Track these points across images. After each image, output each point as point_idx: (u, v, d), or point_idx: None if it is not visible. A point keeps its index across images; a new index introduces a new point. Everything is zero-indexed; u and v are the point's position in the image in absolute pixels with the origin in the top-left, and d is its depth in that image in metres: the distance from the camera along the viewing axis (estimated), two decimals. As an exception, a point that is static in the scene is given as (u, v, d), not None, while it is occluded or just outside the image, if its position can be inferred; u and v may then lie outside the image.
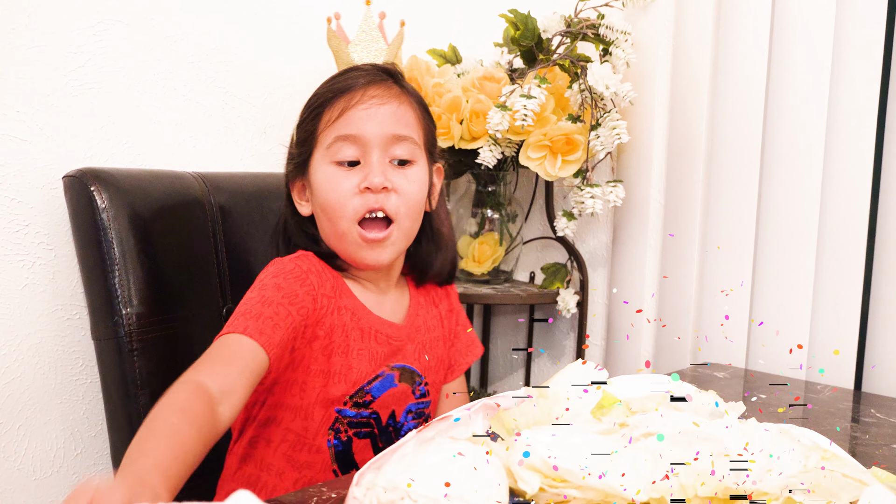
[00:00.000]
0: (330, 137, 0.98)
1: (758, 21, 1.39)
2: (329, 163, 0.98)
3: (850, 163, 1.33)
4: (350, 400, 1.00)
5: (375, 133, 0.97)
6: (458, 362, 1.17)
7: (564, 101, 1.45)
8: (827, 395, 1.22)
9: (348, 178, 0.97)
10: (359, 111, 0.97)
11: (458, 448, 0.67)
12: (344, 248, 0.99)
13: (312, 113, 1.00)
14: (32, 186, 1.13)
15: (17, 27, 1.10)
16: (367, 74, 1.00)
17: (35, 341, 1.15)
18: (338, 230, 0.98)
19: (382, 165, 0.97)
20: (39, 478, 1.17)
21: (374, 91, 0.98)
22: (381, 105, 0.98)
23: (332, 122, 0.98)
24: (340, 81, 1.00)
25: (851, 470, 0.68)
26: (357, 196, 0.96)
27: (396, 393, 1.03)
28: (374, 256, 0.98)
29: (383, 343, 1.02)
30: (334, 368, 0.98)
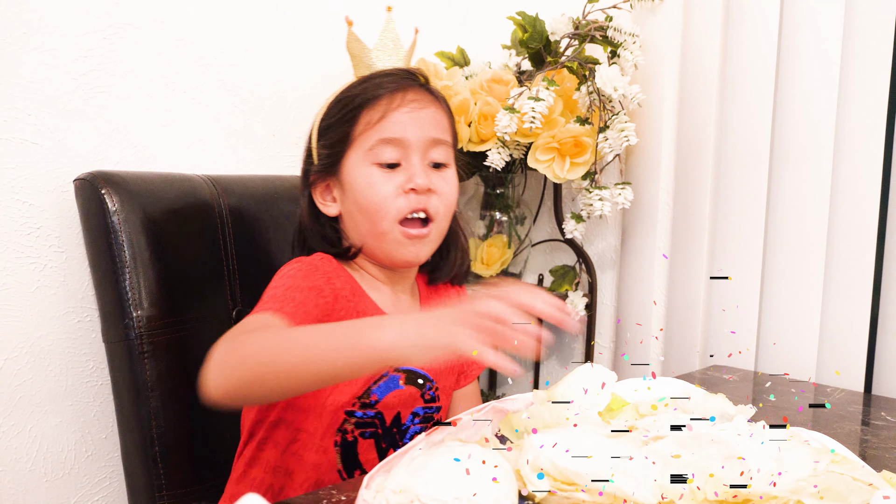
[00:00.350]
0: (371, 140, 0.99)
1: (766, 22, 1.39)
2: (370, 164, 1.00)
3: (859, 163, 1.33)
4: (358, 400, 1.00)
5: (417, 136, 1.00)
6: (470, 367, 1.17)
7: (573, 103, 1.45)
8: (837, 397, 1.21)
9: (391, 180, 1.00)
10: (401, 114, 1.00)
11: (468, 451, 0.67)
12: (383, 246, 1.02)
13: (348, 115, 1.01)
14: (44, 189, 1.14)
15: (29, 31, 1.11)
16: (403, 79, 1.02)
17: (46, 343, 1.16)
18: (378, 229, 1.00)
19: (424, 167, 1.01)
20: (51, 479, 1.18)
21: (412, 95, 1.01)
22: (420, 109, 1.01)
23: (373, 124, 1.00)
24: (378, 84, 1.02)
25: (861, 473, 0.68)
26: (401, 196, 0.99)
27: (402, 395, 1.03)
28: (415, 252, 1.02)
29: None
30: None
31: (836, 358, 1.36)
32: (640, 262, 1.53)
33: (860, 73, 1.32)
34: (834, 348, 1.36)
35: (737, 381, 1.30)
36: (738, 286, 1.45)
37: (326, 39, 1.49)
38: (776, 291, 1.43)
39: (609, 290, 1.60)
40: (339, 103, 1.03)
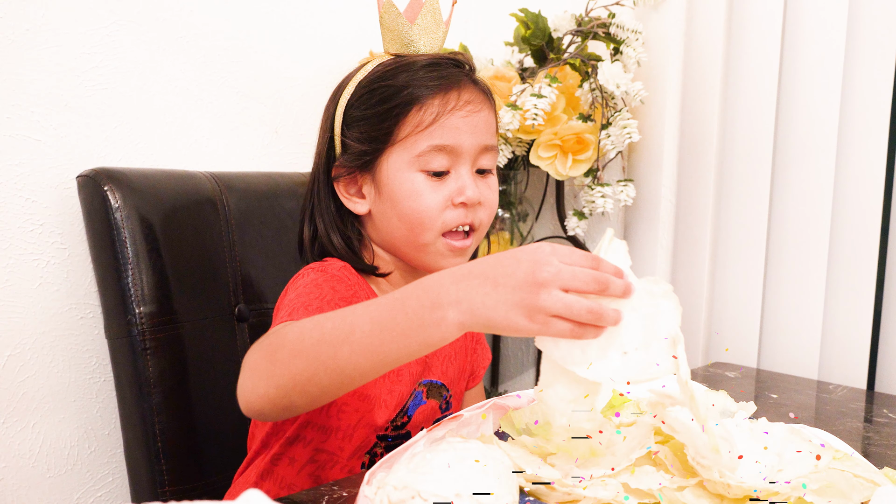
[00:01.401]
0: (422, 145, 0.90)
1: (769, 19, 1.39)
2: (417, 170, 0.91)
3: (862, 160, 1.33)
4: (391, 424, 0.96)
5: (470, 144, 0.92)
6: (477, 370, 1.16)
7: (575, 100, 1.45)
8: (839, 394, 1.21)
9: (439, 190, 0.91)
10: (456, 119, 0.90)
11: (468, 447, 0.67)
12: (421, 256, 0.94)
13: (393, 110, 0.91)
14: (46, 186, 1.14)
15: (32, 27, 1.11)
16: (453, 70, 0.92)
17: (49, 340, 1.16)
18: (420, 240, 0.92)
19: (473, 177, 0.93)
20: (54, 475, 1.18)
21: (467, 95, 0.92)
22: (475, 112, 0.92)
23: (425, 126, 0.90)
24: (427, 77, 0.91)
25: (863, 470, 0.68)
26: (449, 209, 0.91)
27: (426, 410, 1.00)
28: (456, 262, 0.93)
29: (420, 361, 0.98)
30: (376, 392, 0.93)
31: (839, 355, 1.36)
32: (643, 258, 1.53)
33: (864, 69, 1.32)
34: (837, 345, 1.36)
35: (739, 378, 1.30)
36: (740, 283, 1.45)
37: (329, 36, 1.49)
38: (779, 288, 1.42)
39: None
40: (377, 92, 0.92)
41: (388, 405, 0.94)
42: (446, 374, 1.04)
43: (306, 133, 1.47)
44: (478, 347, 1.16)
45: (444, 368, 1.03)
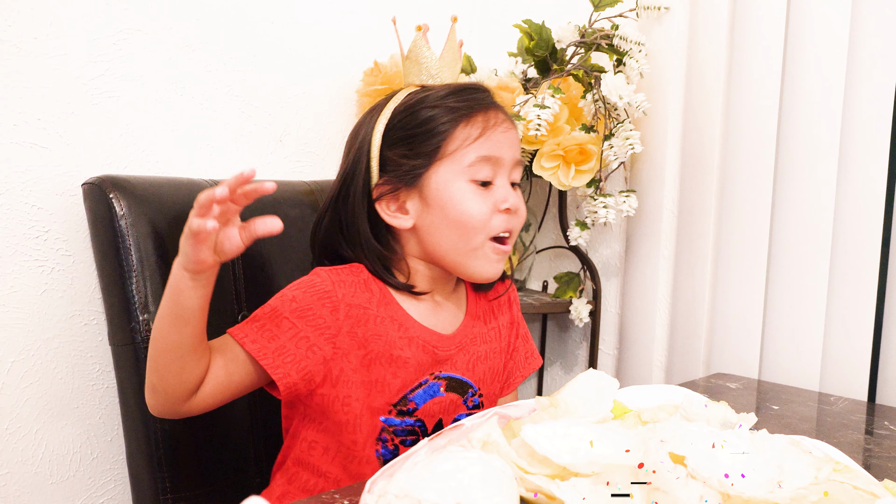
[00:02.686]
0: (471, 156, 0.98)
1: (772, 31, 1.39)
2: (466, 180, 0.98)
3: (864, 171, 1.33)
4: (394, 408, 0.99)
5: (509, 157, 1.01)
6: (514, 375, 1.16)
7: (578, 111, 1.46)
8: (840, 406, 1.21)
9: (486, 198, 0.99)
10: (498, 133, 1.00)
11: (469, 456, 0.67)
12: (470, 261, 1.00)
13: (440, 126, 0.98)
14: (52, 193, 1.15)
15: (39, 36, 1.12)
16: (488, 94, 1.03)
17: (53, 346, 1.17)
18: (471, 244, 0.99)
19: (509, 187, 1.02)
20: (56, 481, 1.18)
21: (500, 115, 1.02)
22: (511, 129, 1.02)
23: (472, 139, 0.98)
24: (470, 99, 1.00)
25: (863, 482, 0.68)
26: (497, 215, 0.99)
27: (444, 402, 1.03)
28: (499, 269, 1.03)
29: (429, 352, 1.01)
30: (375, 377, 0.98)
31: (840, 366, 1.36)
32: (645, 269, 1.53)
33: (866, 84, 1.33)
34: (838, 357, 1.36)
35: (740, 389, 1.31)
36: (742, 294, 1.45)
37: (333, 46, 1.50)
38: (780, 299, 1.43)
39: (613, 297, 1.60)
40: (421, 114, 0.99)
41: (388, 388, 0.98)
42: (473, 372, 1.06)
43: (310, 142, 1.48)
44: (515, 354, 1.16)
45: (471, 366, 1.06)
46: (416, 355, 1.00)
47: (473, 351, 1.07)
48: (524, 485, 0.67)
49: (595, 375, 0.83)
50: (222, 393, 0.92)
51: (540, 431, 0.70)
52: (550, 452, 0.68)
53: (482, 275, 1.01)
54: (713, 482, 0.64)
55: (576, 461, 0.67)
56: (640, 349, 1.55)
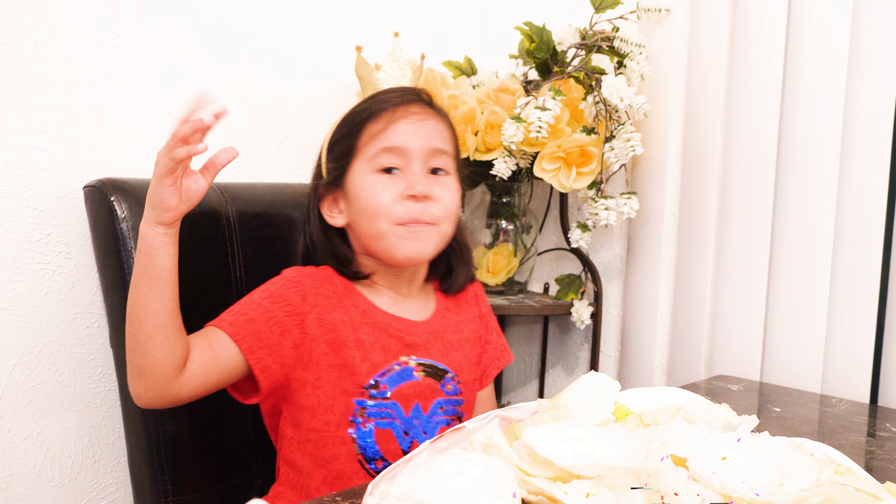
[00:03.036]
0: (374, 149, 1.04)
1: (772, 33, 1.39)
2: (371, 171, 1.04)
3: (865, 173, 1.33)
4: (366, 390, 1.03)
5: (418, 145, 1.04)
6: (489, 367, 1.20)
7: (579, 113, 1.46)
8: (842, 408, 1.21)
9: (391, 186, 1.03)
10: (403, 125, 1.04)
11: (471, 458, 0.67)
12: (384, 246, 1.04)
13: (353, 128, 1.06)
14: (54, 196, 1.15)
15: (41, 39, 1.12)
16: (406, 94, 1.08)
17: (55, 349, 1.17)
18: (378, 230, 1.03)
19: (423, 175, 1.04)
20: (58, 484, 1.18)
21: (415, 108, 1.06)
22: (422, 120, 1.05)
23: (376, 134, 1.04)
24: (381, 100, 1.07)
25: (865, 484, 0.68)
26: (401, 203, 1.03)
27: (419, 386, 1.06)
28: (417, 248, 1.04)
29: (395, 337, 1.06)
30: (346, 360, 1.03)
31: (842, 368, 1.36)
32: (646, 271, 1.53)
33: (867, 85, 1.33)
34: (840, 359, 1.36)
35: (742, 391, 1.30)
36: (743, 296, 1.45)
37: (333, 52, 1.50)
38: (782, 301, 1.43)
39: (615, 299, 1.60)
40: (345, 120, 1.08)
41: (358, 370, 1.03)
42: (449, 358, 1.10)
43: (311, 144, 1.48)
44: (488, 347, 1.20)
45: (446, 353, 1.10)
46: (380, 339, 1.05)
47: (447, 339, 1.12)
48: (526, 487, 0.67)
49: (596, 378, 0.83)
50: (209, 373, 0.95)
51: (541, 434, 0.70)
52: (552, 455, 0.68)
53: (400, 255, 1.04)
54: (715, 484, 0.64)
55: (577, 463, 0.67)
56: (641, 351, 1.55)
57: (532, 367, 1.79)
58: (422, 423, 1.06)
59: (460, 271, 1.16)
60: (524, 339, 1.80)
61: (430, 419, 1.07)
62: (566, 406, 0.80)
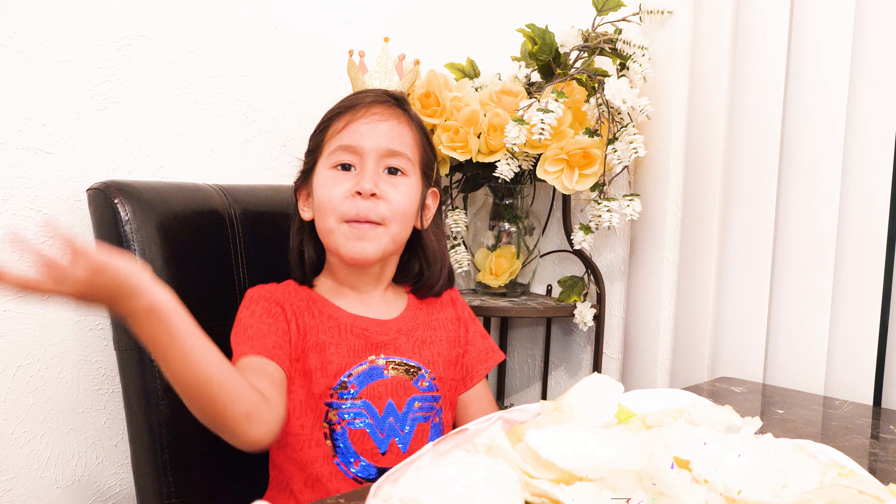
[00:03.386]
0: (333, 146, 1.08)
1: (775, 35, 1.39)
2: (328, 168, 1.08)
3: (869, 175, 1.33)
4: (335, 392, 1.04)
5: (372, 145, 1.07)
6: (475, 369, 1.20)
7: (582, 115, 1.46)
8: (845, 410, 1.21)
9: (342, 182, 1.06)
10: (360, 125, 1.08)
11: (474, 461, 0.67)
12: (333, 242, 1.07)
13: (321, 126, 1.12)
14: (57, 198, 1.15)
15: (44, 42, 1.13)
16: (375, 95, 1.12)
17: (58, 351, 1.17)
18: (328, 226, 1.06)
19: (374, 174, 1.06)
20: (61, 486, 1.19)
21: (377, 109, 1.09)
22: (380, 121, 1.08)
23: (336, 132, 1.08)
24: (350, 99, 1.12)
25: (869, 487, 0.68)
26: (349, 199, 1.05)
27: (390, 384, 1.07)
28: (360, 248, 1.06)
29: (361, 337, 1.08)
30: (313, 365, 1.04)
31: (846, 370, 1.35)
32: (649, 273, 1.53)
33: (870, 87, 1.32)
34: (843, 361, 1.36)
35: (745, 393, 1.30)
36: (746, 298, 1.45)
37: (335, 54, 1.50)
38: (785, 303, 1.42)
39: (618, 301, 1.60)
40: (322, 118, 1.13)
41: (325, 373, 1.04)
42: (420, 355, 1.12)
43: (314, 147, 1.48)
44: (470, 348, 1.20)
45: (417, 349, 1.12)
46: (345, 340, 1.07)
47: (417, 336, 1.13)
48: (529, 489, 0.67)
49: (599, 379, 0.83)
50: (279, 389, 0.99)
51: (544, 436, 0.70)
52: (555, 457, 0.68)
53: (346, 253, 1.06)
54: (718, 486, 0.64)
55: (580, 465, 0.67)
56: (644, 353, 1.55)
57: (535, 369, 1.79)
58: (397, 421, 1.07)
59: (429, 276, 1.17)
60: (527, 341, 1.80)
61: (405, 416, 1.08)
62: (569, 408, 0.80)
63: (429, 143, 1.16)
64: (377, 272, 1.13)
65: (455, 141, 1.43)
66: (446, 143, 1.44)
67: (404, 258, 1.17)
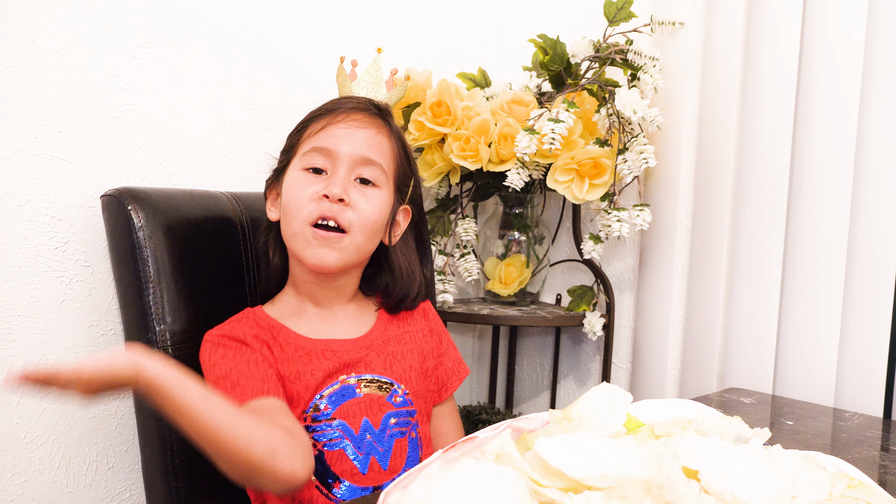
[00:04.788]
0: (307, 147, 1.05)
1: (786, 46, 1.40)
2: (300, 169, 1.05)
3: (879, 187, 1.33)
4: (307, 415, 1.02)
5: (347, 150, 1.04)
6: (449, 381, 1.19)
7: (592, 125, 1.46)
8: (855, 422, 1.21)
9: (312, 185, 1.04)
10: (338, 128, 1.05)
11: (483, 468, 0.68)
12: (295, 246, 1.04)
13: (299, 127, 1.10)
14: (72, 205, 1.16)
15: (61, 51, 1.14)
16: (358, 102, 1.09)
17: (71, 356, 1.18)
18: (293, 229, 1.04)
19: (345, 180, 1.04)
20: (72, 490, 1.19)
21: (357, 116, 1.06)
22: (359, 128, 1.06)
23: (312, 134, 1.06)
24: (332, 103, 1.09)
25: (878, 499, 0.67)
26: (315, 202, 1.02)
27: (363, 402, 1.05)
28: (321, 255, 1.02)
29: (330, 358, 1.05)
30: (290, 395, 1.01)
31: (855, 382, 1.35)
32: (658, 283, 1.53)
33: (881, 98, 1.32)
34: (853, 372, 1.36)
35: (754, 404, 1.30)
36: (756, 308, 1.45)
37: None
38: (794, 314, 1.42)
39: (627, 311, 1.60)
40: (301, 120, 1.11)
41: (297, 401, 1.02)
42: (392, 370, 1.09)
43: (326, 155, 1.49)
44: (445, 360, 1.19)
45: (389, 365, 1.09)
46: (313, 363, 1.04)
47: (388, 351, 1.10)
48: (537, 497, 0.67)
49: (608, 389, 0.83)
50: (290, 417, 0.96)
51: (553, 444, 0.70)
52: (564, 465, 0.68)
53: (307, 260, 1.03)
54: (727, 497, 0.64)
55: (589, 474, 0.67)
56: (653, 363, 1.55)
57: (544, 378, 1.79)
58: (375, 439, 1.04)
59: (396, 291, 1.14)
60: (536, 350, 1.80)
61: (382, 433, 1.05)
62: (578, 417, 0.80)
63: (408, 158, 1.13)
64: (340, 285, 1.10)
65: (466, 150, 1.44)
66: (457, 152, 1.44)
67: (370, 271, 1.14)
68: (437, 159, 1.51)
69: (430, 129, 1.46)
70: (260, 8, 1.38)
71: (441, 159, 1.50)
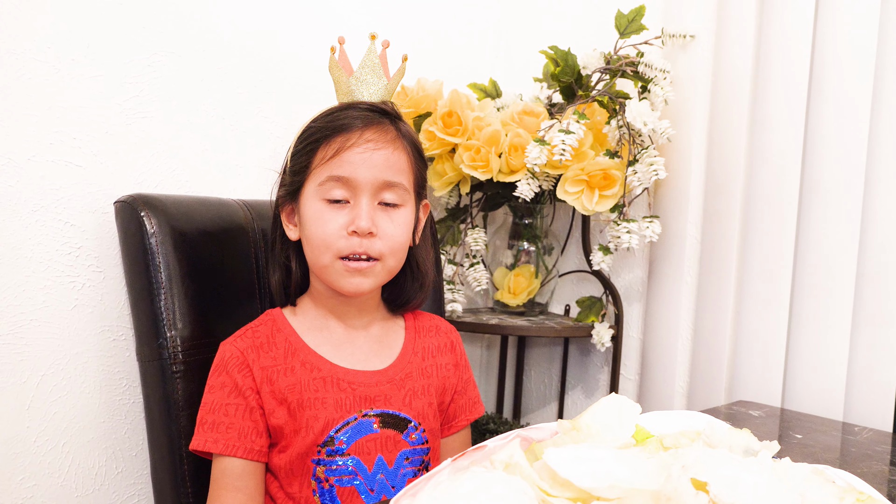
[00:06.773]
0: (323, 175, 1.00)
1: (797, 59, 1.40)
2: (319, 199, 1.01)
3: (890, 199, 1.33)
4: (322, 448, 1.00)
5: (367, 178, 1.00)
6: (456, 417, 1.16)
7: (602, 136, 1.47)
8: (864, 436, 1.20)
9: (336, 218, 1.00)
10: (354, 154, 1.00)
11: (492, 477, 0.68)
12: (327, 277, 1.03)
13: (308, 146, 1.03)
14: (85, 211, 1.17)
15: (77, 58, 1.15)
16: (366, 116, 1.02)
17: (82, 361, 1.18)
18: (322, 262, 1.02)
19: (370, 209, 1.00)
20: (81, 495, 1.20)
21: (370, 134, 1.01)
22: (375, 150, 1.00)
23: (326, 160, 1.00)
24: (339, 119, 1.02)
25: (887, 513, 0.67)
26: (343, 238, 1.00)
27: (379, 439, 1.02)
28: (356, 283, 1.02)
29: (346, 390, 1.03)
30: (301, 423, 1.00)
31: (865, 396, 1.35)
32: (667, 294, 1.53)
33: (891, 111, 1.32)
34: (862, 386, 1.35)
35: (763, 417, 1.30)
36: (765, 321, 1.45)
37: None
38: (804, 327, 1.42)
39: (636, 323, 1.60)
40: (305, 132, 1.05)
41: (312, 430, 1.00)
42: (411, 407, 1.06)
43: (337, 164, 1.49)
44: (464, 393, 1.16)
45: (408, 401, 1.06)
46: (332, 394, 1.02)
47: (410, 386, 1.07)
48: (546, 507, 0.67)
49: (617, 400, 0.83)
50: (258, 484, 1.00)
51: (562, 454, 0.70)
52: (572, 475, 0.68)
53: (343, 288, 1.02)
54: (735, 509, 0.64)
55: (597, 485, 0.67)
56: (661, 375, 1.55)
57: (552, 389, 1.78)
58: (388, 477, 1.02)
59: (408, 289, 1.13)
60: (544, 360, 1.80)
61: (396, 472, 1.03)
62: (586, 427, 0.80)
63: (420, 157, 1.09)
64: (362, 300, 1.09)
65: (476, 160, 1.44)
66: (467, 162, 1.45)
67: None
68: (448, 169, 1.51)
69: (441, 139, 1.47)
70: (273, 19, 1.39)
71: (451, 169, 1.51)
